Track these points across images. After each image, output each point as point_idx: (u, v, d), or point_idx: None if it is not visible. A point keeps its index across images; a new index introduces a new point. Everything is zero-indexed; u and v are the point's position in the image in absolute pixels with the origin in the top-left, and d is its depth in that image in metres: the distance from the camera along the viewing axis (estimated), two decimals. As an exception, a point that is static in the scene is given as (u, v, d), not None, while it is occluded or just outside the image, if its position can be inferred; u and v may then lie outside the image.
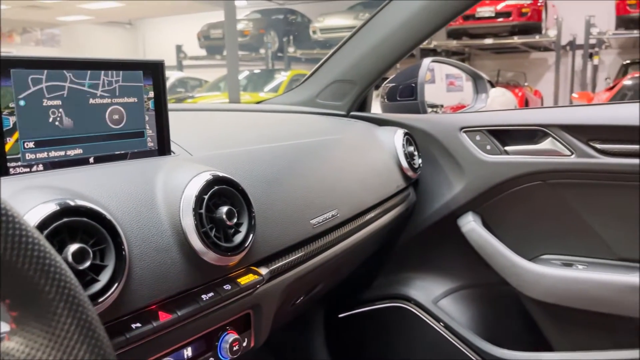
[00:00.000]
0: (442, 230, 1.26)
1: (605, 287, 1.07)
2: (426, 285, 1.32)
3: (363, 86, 1.23)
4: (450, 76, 1.77)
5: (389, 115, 1.29)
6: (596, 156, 1.08)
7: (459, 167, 1.21)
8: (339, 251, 0.90)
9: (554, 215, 1.16)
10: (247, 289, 0.66)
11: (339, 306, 1.39)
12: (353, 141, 1.10)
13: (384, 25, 1.16)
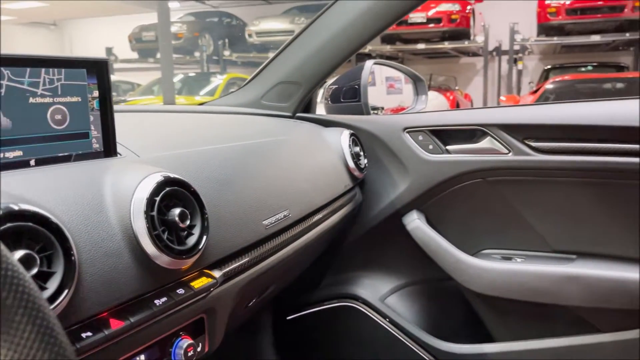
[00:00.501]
0: (388, 228, 1.28)
1: (542, 278, 1.12)
2: (373, 283, 1.34)
3: (308, 87, 1.24)
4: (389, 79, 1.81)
5: (335, 117, 1.30)
6: (531, 154, 1.13)
7: (403, 166, 1.24)
8: (291, 252, 0.89)
9: (493, 211, 1.21)
10: (200, 292, 0.65)
11: (286, 308, 1.39)
12: (301, 142, 1.10)
13: (328, 26, 1.17)
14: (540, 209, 1.17)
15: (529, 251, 1.21)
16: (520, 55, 9.80)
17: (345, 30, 1.16)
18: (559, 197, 1.14)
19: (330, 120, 1.29)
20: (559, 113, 1.13)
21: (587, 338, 1.13)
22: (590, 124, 1.08)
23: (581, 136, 1.09)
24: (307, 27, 1.20)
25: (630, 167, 1.05)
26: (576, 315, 1.13)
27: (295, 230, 0.91)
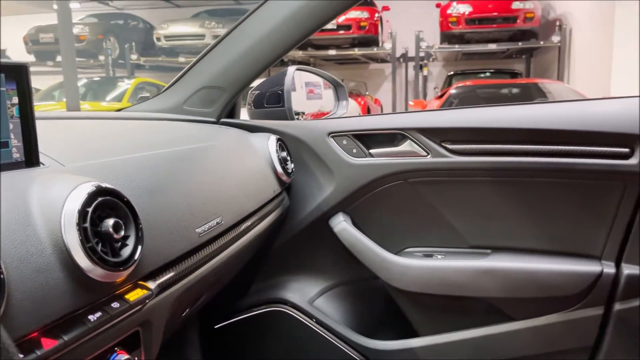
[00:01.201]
0: (315, 231, 1.30)
1: (461, 273, 1.19)
2: (301, 286, 1.35)
3: (233, 92, 1.23)
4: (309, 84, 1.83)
5: (261, 122, 1.30)
6: (448, 156, 1.20)
7: (328, 170, 1.26)
8: (224, 259, 0.88)
9: (415, 211, 1.27)
10: (136, 305, 0.62)
11: (214, 317, 1.36)
12: (228, 148, 1.09)
13: (253, 31, 1.17)
14: (457, 208, 1.24)
15: (449, 248, 1.27)
16: (425, 62, 10.29)
17: (270, 35, 1.16)
18: (474, 196, 1.22)
19: (256, 125, 1.29)
20: (472, 117, 1.20)
21: (502, 327, 1.21)
22: (500, 127, 1.16)
23: (493, 138, 1.17)
24: (230, 32, 1.19)
25: (536, 166, 1.15)
26: (492, 306, 1.21)
27: (228, 237, 0.90)
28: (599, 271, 1.13)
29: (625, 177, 1.10)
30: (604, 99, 1.21)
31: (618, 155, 1.10)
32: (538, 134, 1.14)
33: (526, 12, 8.89)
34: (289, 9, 1.14)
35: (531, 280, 1.16)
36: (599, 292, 1.13)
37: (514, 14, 8.89)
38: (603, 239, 1.15)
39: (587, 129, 1.11)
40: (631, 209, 1.12)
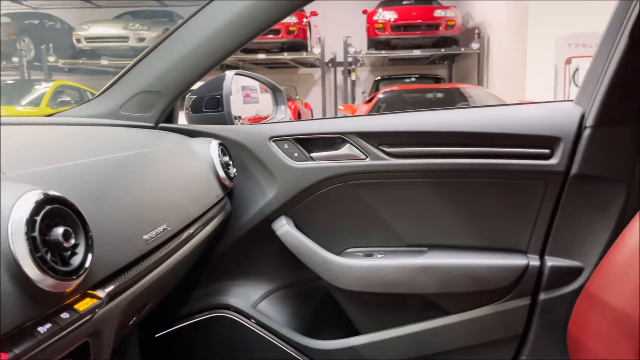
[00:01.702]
0: (258, 235, 1.31)
1: (399, 271, 1.24)
2: (244, 291, 1.35)
3: (172, 97, 1.21)
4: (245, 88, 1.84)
5: (201, 127, 1.29)
6: (386, 158, 1.24)
7: (270, 174, 1.27)
8: (171, 265, 0.87)
9: (356, 212, 1.30)
10: (86, 314, 0.61)
11: (154, 326, 1.33)
12: (170, 153, 1.07)
13: (193, 34, 1.16)
14: (395, 208, 1.29)
15: (388, 247, 1.32)
16: (353, 67, 10.49)
17: (210, 39, 1.16)
18: (411, 197, 1.27)
19: (197, 130, 1.28)
20: (408, 121, 1.25)
21: (439, 321, 1.27)
22: (434, 130, 1.23)
23: (428, 141, 1.23)
24: (169, 35, 1.18)
25: (467, 167, 1.22)
26: (429, 301, 1.26)
27: (174, 243, 0.89)
28: (525, 264, 1.21)
29: (546, 176, 1.19)
30: (527, 104, 1.30)
31: (540, 156, 1.19)
32: (468, 137, 1.21)
33: (447, 20, 9.29)
34: (229, 13, 1.14)
35: (464, 275, 1.22)
36: (526, 284, 1.22)
37: (437, 21, 9.26)
38: (528, 234, 1.24)
39: (513, 131, 1.19)
40: (552, 205, 1.21)
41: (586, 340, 0.98)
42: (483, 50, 9.20)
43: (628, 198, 1.15)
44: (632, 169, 1.14)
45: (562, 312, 1.18)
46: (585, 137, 1.15)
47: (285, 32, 9.34)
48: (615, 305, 0.92)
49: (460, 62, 11.25)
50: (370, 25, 9.54)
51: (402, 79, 10.08)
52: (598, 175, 1.16)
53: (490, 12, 9.01)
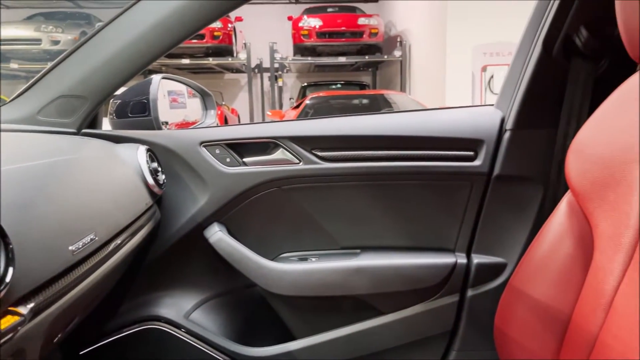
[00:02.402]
0: (190, 244, 1.27)
1: (334, 273, 1.25)
2: (176, 301, 1.31)
3: (95, 102, 1.15)
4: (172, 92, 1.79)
5: (128, 132, 1.24)
6: (319, 162, 1.25)
7: (202, 180, 1.24)
8: (99, 277, 0.83)
9: (290, 217, 1.30)
10: (7, 333, 0.57)
11: (79, 342, 1.26)
12: (95, 160, 1.02)
13: (118, 36, 1.11)
14: (329, 212, 1.30)
15: (322, 250, 1.33)
16: (280, 73, 10.50)
17: (136, 42, 1.11)
18: (344, 200, 1.29)
19: (123, 136, 1.22)
20: (340, 125, 1.27)
21: (373, 321, 1.29)
22: (366, 135, 1.25)
23: (359, 145, 1.25)
24: (92, 36, 1.12)
25: (397, 170, 1.25)
26: (363, 302, 1.28)
27: (102, 253, 0.85)
28: (453, 262, 1.26)
29: (471, 177, 1.25)
30: (453, 108, 1.35)
31: (465, 158, 1.24)
32: (398, 140, 1.25)
33: (371, 28, 9.53)
34: (157, 15, 1.10)
35: (396, 275, 1.25)
36: (454, 281, 1.27)
37: (360, 29, 9.48)
38: (456, 233, 1.29)
39: (439, 135, 1.24)
40: (477, 205, 1.27)
41: (511, 331, 1.03)
42: (405, 58, 9.51)
43: (545, 196, 1.23)
44: (548, 169, 1.22)
45: (489, 307, 1.23)
46: (505, 139, 1.22)
47: (210, 37, 9.20)
48: (537, 297, 0.98)
49: (384, 69, 11.56)
50: (295, 31, 9.61)
51: (329, 85, 10.23)
52: (518, 175, 1.23)
53: (411, 21, 9.34)
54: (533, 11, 1.21)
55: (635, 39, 0.80)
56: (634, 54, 0.82)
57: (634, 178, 0.83)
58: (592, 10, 1.13)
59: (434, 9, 7.78)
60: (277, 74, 10.35)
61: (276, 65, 10.14)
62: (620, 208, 0.85)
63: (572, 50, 1.16)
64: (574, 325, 0.92)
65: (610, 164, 0.87)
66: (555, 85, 1.19)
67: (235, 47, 9.92)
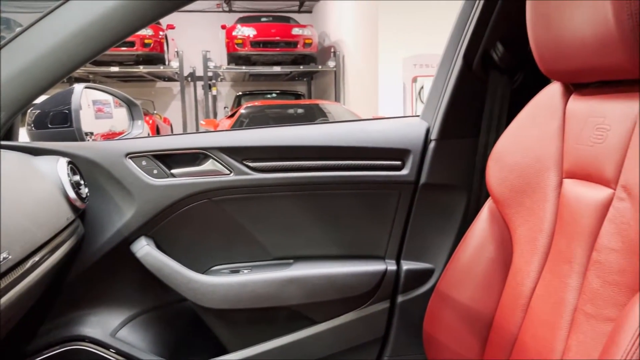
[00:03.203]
0: (116, 259, 1.22)
1: (267, 284, 1.24)
2: (102, 319, 1.25)
3: (10, 112, 1.08)
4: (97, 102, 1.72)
5: (47, 144, 1.18)
6: (250, 173, 1.24)
7: (128, 193, 1.20)
8: (14, 298, 0.78)
9: (221, 229, 1.28)
10: None
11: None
12: (11, 174, 0.96)
13: (35, 44, 1.06)
14: (261, 223, 1.29)
15: (254, 262, 1.32)
16: (214, 82, 10.38)
17: (55, 50, 1.07)
18: (276, 211, 1.28)
19: (42, 148, 1.16)
20: (271, 136, 1.27)
21: (307, 331, 1.29)
22: (296, 145, 1.26)
23: (290, 155, 1.26)
24: (8, 42, 1.06)
25: (328, 180, 1.26)
26: (296, 312, 1.28)
27: (17, 272, 0.80)
28: (383, 269, 1.29)
29: (399, 186, 1.28)
30: (381, 119, 1.39)
31: (393, 167, 1.28)
32: (329, 151, 1.26)
33: (305, 38, 9.63)
34: (79, 21, 1.06)
35: (329, 284, 1.26)
36: (385, 288, 1.29)
37: (295, 39, 9.55)
38: (386, 241, 1.32)
39: (368, 145, 1.27)
40: (405, 213, 1.30)
41: (439, 336, 1.06)
42: (339, 68, 9.66)
43: (469, 203, 1.28)
44: (471, 177, 1.27)
45: (418, 312, 1.27)
46: (430, 149, 1.26)
47: (140, 45, 8.96)
48: (462, 301, 1.01)
49: (319, 79, 11.69)
50: (229, 40, 9.55)
51: (264, 95, 10.22)
52: (443, 183, 1.27)
53: (344, 32, 9.51)
54: (454, 27, 1.26)
55: (544, 55, 0.85)
56: (544, 69, 0.87)
57: (547, 185, 0.89)
58: (507, 27, 1.19)
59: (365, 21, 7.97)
60: (211, 82, 10.22)
61: (210, 73, 10.01)
62: (535, 214, 0.90)
63: (490, 64, 1.22)
64: (496, 326, 0.96)
65: (526, 172, 0.93)
66: (475, 97, 1.25)
67: (168, 55, 9.72)
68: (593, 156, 0.78)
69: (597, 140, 0.78)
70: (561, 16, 0.78)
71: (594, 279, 0.72)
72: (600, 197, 0.75)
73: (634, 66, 0.69)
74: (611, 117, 0.76)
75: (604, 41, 0.71)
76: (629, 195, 0.68)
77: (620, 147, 0.73)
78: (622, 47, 0.68)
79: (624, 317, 0.63)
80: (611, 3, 0.68)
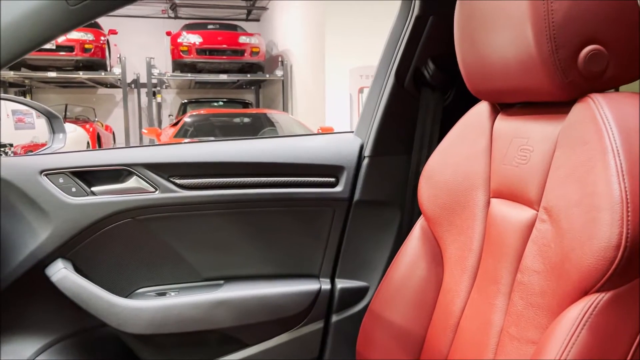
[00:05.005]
0: (30, 283, 1.14)
1: (195, 307, 1.19)
2: (15, 347, 1.16)
3: None
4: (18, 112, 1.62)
5: None
6: (177, 190, 1.19)
7: (43, 213, 1.12)
8: None
9: (146, 249, 1.22)
10: None
11: None
12: None
13: None
14: (190, 242, 1.24)
15: (183, 283, 1.26)
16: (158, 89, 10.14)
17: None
18: (206, 229, 1.23)
19: None
20: (199, 152, 1.22)
21: (238, 354, 1.24)
22: (226, 161, 1.21)
23: (219, 172, 1.21)
24: None
25: (260, 196, 1.22)
26: (227, 335, 1.23)
27: None
28: (317, 289, 1.26)
29: (333, 203, 1.26)
30: (315, 135, 1.37)
31: (327, 184, 1.25)
32: (260, 167, 1.23)
33: (252, 46, 9.57)
34: None
35: (261, 305, 1.22)
36: (319, 308, 1.26)
37: (242, 47, 9.47)
38: (320, 259, 1.29)
39: (301, 161, 1.24)
40: (339, 231, 1.28)
41: (372, 355, 1.04)
42: (287, 78, 9.64)
43: (402, 220, 1.27)
44: (403, 193, 1.26)
45: (352, 331, 1.24)
46: (364, 166, 1.25)
47: (80, 50, 8.65)
48: (394, 320, 1.00)
49: (267, 87, 11.64)
50: (174, 47, 9.36)
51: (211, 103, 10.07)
52: (376, 200, 1.26)
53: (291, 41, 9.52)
54: (386, 44, 1.26)
55: (471, 75, 0.85)
56: (472, 89, 0.87)
57: (475, 204, 0.88)
58: (438, 46, 1.20)
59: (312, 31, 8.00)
60: (155, 89, 9.98)
61: (154, 80, 9.78)
62: (465, 232, 0.90)
63: (421, 81, 1.22)
64: (427, 346, 0.95)
65: (455, 190, 0.92)
66: (408, 114, 1.24)
67: (109, 61, 9.42)
68: (518, 176, 0.78)
69: (521, 160, 0.78)
70: (486, 38, 0.78)
71: (518, 300, 0.72)
72: (524, 217, 0.75)
73: (555, 88, 0.70)
74: (534, 138, 0.76)
75: (526, 63, 0.71)
76: (549, 216, 0.68)
77: (542, 168, 0.73)
78: (543, 69, 0.69)
79: (544, 340, 0.63)
80: (531, 26, 0.68)
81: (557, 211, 0.67)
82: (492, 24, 0.76)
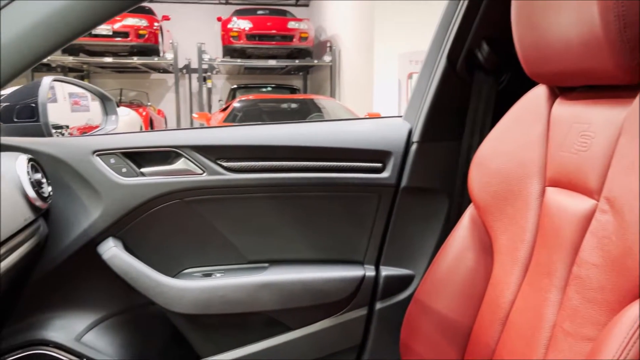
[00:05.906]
0: (81, 260, 1.18)
1: (239, 290, 1.20)
2: (67, 323, 1.21)
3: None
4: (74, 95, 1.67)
5: (9, 140, 1.12)
6: (224, 173, 1.20)
7: (95, 192, 1.15)
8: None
9: (193, 230, 1.23)
10: None
11: None
12: None
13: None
14: (235, 225, 1.24)
15: (228, 265, 1.27)
16: (209, 74, 10.29)
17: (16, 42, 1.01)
18: (251, 212, 1.24)
19: (1, 144, 1.11)
20: (247, 135, 1.22)
21: (281, 338, 1.25)
22: (273, 144, 1.21)
23: (266, 155, 1.21)
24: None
25: (306, 181, 1.22)
26: (270, 318, 1.24)
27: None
28: (362, 275, 1.24)
29: (379, 189, 1.24)
30: (362, 119, 1.34)
31: (373, 169, 1.23)
32: (306, 151, 1.22)
33: (301, 32, 9.54)
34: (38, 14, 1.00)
35: (305, 289, 1.22)
36: (363, 294, 1.25)
37: (291, 32, 9.47)
38: (365, 245, 1.28)
39: (348, 146, 1.22)
40: (385, 217, 1.26)
41: (416, 345, 1.02)
42: (335, 63, 9.58)
43: (450, 208, 1.24)
44: (453, 181, 1.22)
45: (396, 319, 1.22)
46: (412, 151, 1.22)
47: (134, 36, 8.87)
48: (440, 310, 0.97)
49: (315, 73, 11.62)
50: (225, 33, 9.46)
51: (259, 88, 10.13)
52: (424, 187, 1.23)
53: (340, 26, 9.44)
54: (437, 26, 1.21)
55: (529, 57, 0.80)
56: (529, 71, 0.83)
57: (530, 193, 0.84)
58: (493, 27, 1.15)
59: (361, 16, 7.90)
60: (205, 75, 10.13)
61: (205, 66, 9.92)
62: (517, 222, 0.86)
63: (474, 65, 1.17)
64: (474, 338, 0.92)
65: (509, 178, 0.88)
66: (459, 99, 1.20)
67: (162, 46, 9.62)
68: (577, 164, 0.73)
69: (581, 147, 0.73)
70: (546, 17, 0.73)
71: (574, 294, 0.68)
72: (583, 208, 0.71)
73: (621, 71, 0.65)
74: (596, 124, 0.71)
75: (590, 44, 0.66)
76: (611, 207, 0.64)
77: (604, 156, 0.68)
78: (608, 50, 0.64)
79: (602, 339, 0.59)
80: (597, 3, 0.63)
81: (620, 202, 0.62)
82: (554, 3, 0.71)
